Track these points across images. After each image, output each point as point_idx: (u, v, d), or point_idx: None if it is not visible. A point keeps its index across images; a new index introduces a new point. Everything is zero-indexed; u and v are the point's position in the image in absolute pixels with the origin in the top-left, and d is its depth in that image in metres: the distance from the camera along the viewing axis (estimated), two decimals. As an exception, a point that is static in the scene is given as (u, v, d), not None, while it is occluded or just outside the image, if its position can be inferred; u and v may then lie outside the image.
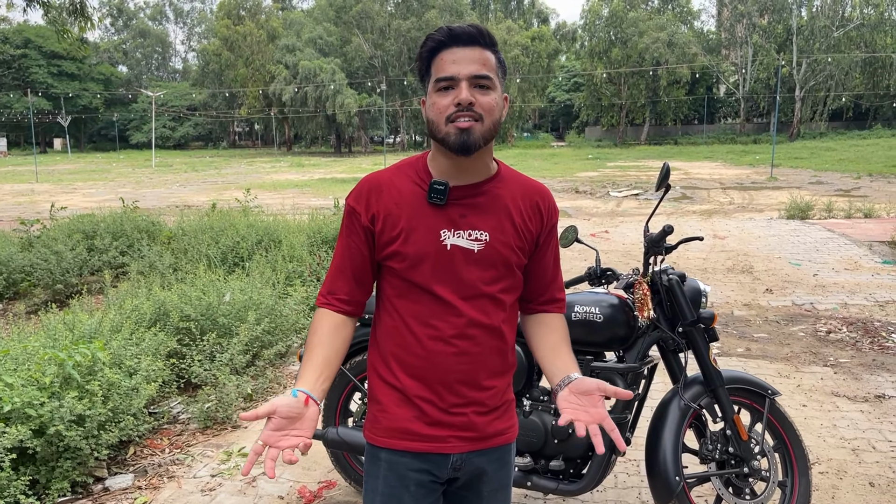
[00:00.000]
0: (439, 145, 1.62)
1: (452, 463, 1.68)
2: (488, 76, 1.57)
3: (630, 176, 25.63)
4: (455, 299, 1.63)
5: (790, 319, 6.43)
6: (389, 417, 1.68)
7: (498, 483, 1.76)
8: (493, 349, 1.69)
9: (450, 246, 1.62)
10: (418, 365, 1.65)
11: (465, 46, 1.58)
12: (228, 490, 3.54)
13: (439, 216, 1.63)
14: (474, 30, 1.58)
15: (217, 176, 31.11)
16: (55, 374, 3.50)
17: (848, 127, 51.31)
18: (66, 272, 7.62)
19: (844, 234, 10.66)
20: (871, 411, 4.34)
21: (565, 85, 64.68)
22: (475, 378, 1.67)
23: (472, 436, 1.68)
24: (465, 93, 1.55)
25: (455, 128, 1.56)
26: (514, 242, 1.67)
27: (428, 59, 1.62)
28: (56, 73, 62.56)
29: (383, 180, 1.68)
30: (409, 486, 1.67)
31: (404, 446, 1.67)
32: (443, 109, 1.57)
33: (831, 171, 25.66)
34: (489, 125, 1.58)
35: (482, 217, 1.65)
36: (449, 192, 1.63)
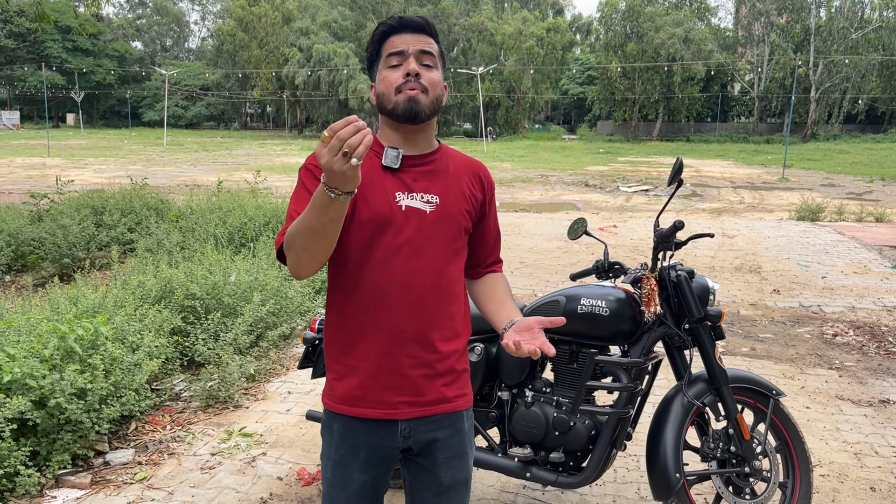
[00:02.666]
0: (388, 118, 1.76)
1: (401, 431, 1.75)
2: (432, 54, 1.75)
3: (641, 172, 25.52)
4: (406, 259, 1.71)
5: (797, 321, 6.40)
6: (343, 386, 1.76)
7: (452, 451, 1.81)
8: (444, 312, 1.76)
9: (405, 207, 1.72)
10: (369, 324, 1.72)
11: (413, 32, 1.75)
12: (228, 469, 3.55)
13: (394, 180, 1.73)
14: (421, 20, 1.77)
15: (227, 157, 31.14)
16: (56, 346, 3.50)
17: (862, 130, 50.94)
18: (73, 246, 7.64)
19: (855, 238, 10.59)
20: (874, 416, 4.31)
21: (579, 78, 64.34)
22: (423, 337, 1.73)
23: (419, 400, 1.75)
24: (414, 64, 1.71)
25: (404, 96, 1.70)
26: (463, 207, 1.80)
27: (379, 42, 1.78)
28: (70, 48, 62.63)
29: None
30: (360, 453, 1.76)
31: (355, 412, 1.75)
32: (392, 81, 1.72)
33: (844, 174, 25.48)
34: (433, 98, 1.74)
35: (433, 182, 1.77)
36: (403, 158, 1.73)
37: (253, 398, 4.48)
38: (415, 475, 1.84)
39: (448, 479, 1.81)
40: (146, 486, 3.37)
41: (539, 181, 21.61)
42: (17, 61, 62.04)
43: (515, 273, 8.05)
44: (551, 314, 2.90)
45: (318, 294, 6.10)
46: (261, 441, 3.87)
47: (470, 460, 1.87)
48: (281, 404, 4.39)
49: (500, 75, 54.00)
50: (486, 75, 50.36)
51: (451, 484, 1.82)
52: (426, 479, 1.82)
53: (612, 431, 2.78)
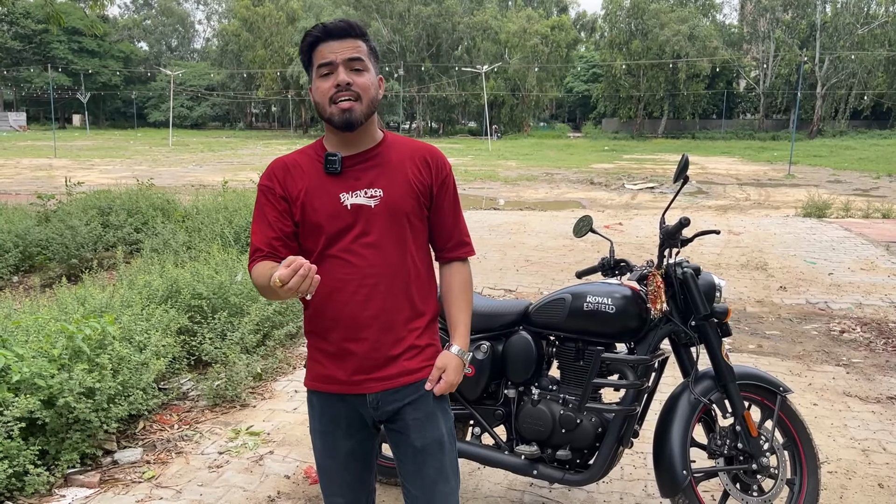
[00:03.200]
0: (327, 123, 1.87)
1: (370, 402, 1.91)
2: (361, 59, 1.83)
3: (646, 169, 25.47)
4: (357, 252, 1.85)
5: (803, 318, 6.38)
6: (318, 367, 1.95)
7: (420, 412, 1.93)
8: (400, 295, 1.90)
9: (350, 206, 1.86)
10: (333, 317, 1.88)
11: (339, 39, 1.83)
12: (235, 468, 3.56)
13: (337, 183, 1.87)
14: (345, 24, 1.85)
15: (233, 156, 31.21)
16: (65, 346, 3.52)
17: (869, 126, 50.68)
18: (80, 247, 7.68)
19: (861, 234, 10.55)
20: (882, 412, 4.30)
21: (583, 75, 64.19)
22: (384, 322, 1.88)
23: (383, 375, 1.90)
24: (343, 75, 1.81)
25: (338, 108, 1.81)
26: (408, 193, 1.90)
27: (308, 52, 1.87)
28: (76, 49, 62.80)
29: (288, 161, 1.94)
30: (341, 423, 1.95)
31: (329, 388, 1.93)
32: (325, 91, 1.82)
33: (850, 170, 25.38)
34: (367, 103, 1.84)
35: (375, 177, 1.88)
36: (342, 161, 1.87)
37: (260, 397, 4.50)
38: (394, 443, 1.98)
39: (420, 441, 1.93)
40: (154, 484, 3.38)
41: (544, 179, 21.60)
42: (24, 63, 62.27)
43: (521, 271, 8.05)
44: (557, 312, 2.91)
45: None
46: (268, 440, 3.89)
47: (440, 422, 1.96)
48: (288, 403, 4.40)
49: (505, 73, 53.94)
50: (490, 74, 50.29)
51: (423, 445, 1.93)
52: (402, 444, 1.95)
53: (619, 429, 2.78)
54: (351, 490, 2.00)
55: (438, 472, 1.94)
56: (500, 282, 7.51)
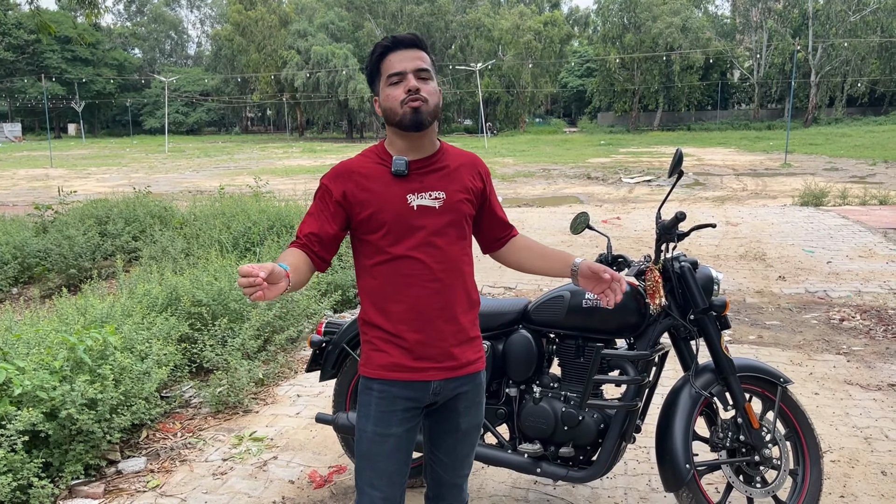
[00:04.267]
0: (395, 128, 2.01)
1: (433, 389, 2.06)
2: (427, 69, 2.00)
3: (642, 162, 25.47)
4: (425, 250, 2.00)
5: (803, 307, 6.39)
6: (381, 355, 2.05)
7: (470, 401, 2.14)
8: (460, 288, 2.07)
9: (416, 206, 2.01)
10: (403, 309, 2.01)
11: (407, 49, 2.00)
12: (240, 474, 3.57)
13: (403, 185, 2.01)
14: (413, 36, 2.01)
15: (229, 161, 31.18)
16: (66, 357, 3.52)
17: (864, 113, 50.71)
18: (78, 257, 7.68)
19: (859, 222, 10.56)
20: (884, 400, 4.31)
21: (578, 70, 64.20)
22: (448, 313, 2.04)
23: (448, 365, 2.05)
24: (413, 81, 1.96)
25: (409, 108, 1.95)
26: (465, 197, 2.09)
27: (378, 62, 2.03)
28: (70, 58, 62.68)
29: (353, 165, 2.06)
30: (397, 410, 2.04)
31: (393, 377, 2.03)
32: (397, 97, 1.97)
33: (846, 157, 25.38)
34: (433, 106, 1.99)
35: (437, 181, 2.05)
36: (409, 164, 2.01)
37: (262, 402, 4.50)
38: (437, 422, 2.16)
39: (465, 424, 2.15)
40: (159, 493, 3.39)
41: (541, 175, 21.59)
42: (17, 73, 62.15)
43: (520, 268, 8.04)
44: (556, 310, 2.91)
45: (324, 297, 6.11)
46: (272, 445, 3.89)
47: (483, 408, 2.22)
48: (290, 408, 4.41)
49: (499, 70, 53.92)
50: (484, 71, 50.28)
51: (467, 428, 2.16)
52: (448, 424, 2.15)
53: (621, 424, 2.79)
54: (390, 483, 2.08)
55: (471, 447, 2.21)
56: (499, 280, 7.52)
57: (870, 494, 3.24)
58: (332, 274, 6.58)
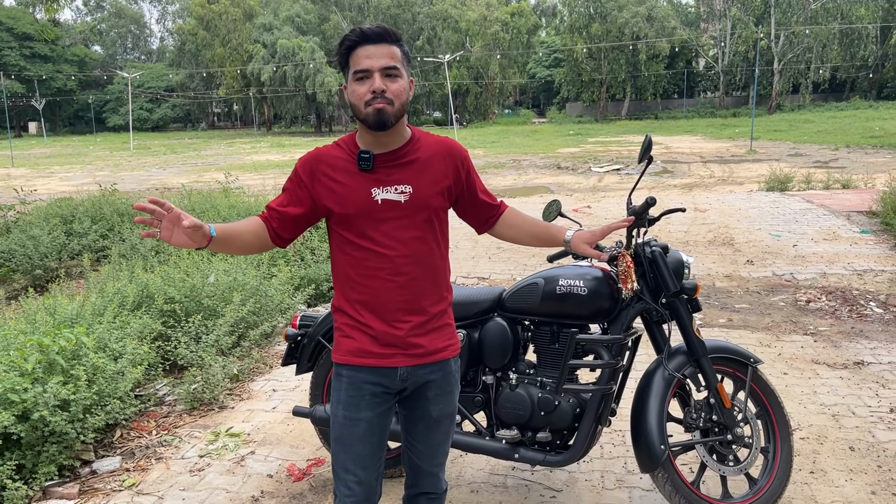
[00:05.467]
0: (362, 124, 2.00)
1: (400, 375, 2.08)
2: (396, 67, 1.97)
3: (611, 151, 25.67)
4: (388, 244, 2.01)
5: (771, 290, 6.51)
6: (348, 341, 2.09)
7: (440, 389, 2.16)
8: (427, 280, 2.08)
9: (381, 200, 2.01)
10: (367, 300, 2.05)
11: (376, 44, 1.96)
12: (217, 470, 3.55)
13: (369, 178, 2.02)
14: (381, 30, 1.97)
15: (196, 158, 30.79)
16: (38, 359, 3.47)
17: (826, 99, 51.62)
18: (44, 257, 7.54)
19: (823, 206, 10.77)
20: (850, 378, 4.41)
21: (545, 61, 64.40)
22: (414, 305, 2.06)
23: (415, 352, 2.08)
24: (378, 82, 1.94)
25: (373, 109, 1.94)
26: (436, 189, 2.08)
27: (346, 55, 1.99)
28: (28, 55, 61.21)
29: (323, 154, 2.08)
30: (365, 395, 2.08)
31: (360, 362, 2.07)
32: (361, 96, 1.95)
33: (810, 143, 25.84)
34: (398, 106, 1.97)
35: (405, 174, 2.04)
36: (374, 158, 2.01)
37: (238, 398, 4.48)
38: (410, 409, 2.18)
39: (437, 413, 2.17)
40: (135, 492, 3.36)
41: (512, 166, 21.66)
42: (-26, 72, 60.63)
43: (493, 258, 8.09)
44: (531, 297, 2.94)
45: (298, 291, 6.08)
46: (249, 440, 3.87)
47: (455, 398, 2.22)
48: (266, 402, 4.39)
49: (467, 62, 53.87)
50: (453, 63, 50.21)
51: (439, 416, 2.18)
52: (420, 412, 2.17)
53: (597, 408, 2.82)
54: (364, 467, 2.10)
55: (445, 436, 2.23)
56: (472, 270, 7.54)
57: (839, 469, 3.32)
58: (306, 268, 6.55)
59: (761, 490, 2.89)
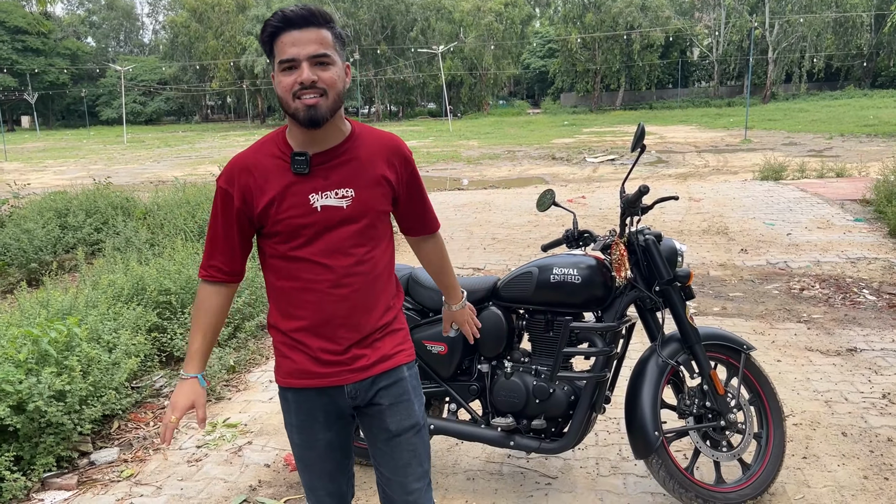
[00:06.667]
0: (292, 119, 1.76)
1: (348, 393, 1.89)
2: (326, 54, 1.71)
3: (606, 142, 25.67)
4: (329, 254, 1.80)
5: (765, 278, 6.54)
6: (289, 363, 1.89)
7: (394, 398, 1.92)
8: (371, 290, 1.87)
9: (320, 207, 1.78)
10: (305, 316, 1.84)
11: (301, 28, 1.70)
12: (215, 460, 3.56)
13: (306, 183, 1.78)
14: (307, 12, 1.70)
15: (191, 151, 30.69)
16: (30, 350, 3.47)
17: (820, 88, 51.64)
18: (39, 250, 7.52)
19: (817, 194, 10.80)
20: (843, 364, 4.45)
21: (539, 51, 64.25)
22: (355, 318, 1.85)
23: (359, 366, 1.88)
24: (307, 73, 1.69)
25: (303, 104, 1.70)
26: (380, 192, 1.86)
27: (269, 42, 1.74)
28: (21, 48, 60.83)
29: (249, 160, 1.82)
30: (318, 416, 1.91)
31: (303, 384, 1.89)
32: (288, 87, 1.71)
33: (804, 132, 25.87)
34: (333, 97, 1.73)
35: (345, 176, 1.81)
36: (310, 159, 1.77)
37: (235, 389, 4.49)
38: (367, 426, 1.98)
39: (395, 426, 1.93)
40: (133, 482, 3.37)
41: (506, 157, 21.65)
42: (-35, 65, 60.28)
43: (488, 249, 8.10)
44: (525, 286, 2.95)
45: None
46: (245, 430, 3.89)
47: (415, 407, 1.96)
48: (263, 393, 4.40)
49: (461, 53, 53.72)
50: (446, 54, 50.04)
51: (398, 430, 1.93)
52: (376, 427, 1.95)
53: (591, 396, 2.85)
54: (331, 479, 1.99)
55: (412, 454, 1.94)
56: (468, 261, 7.56)
57: (831, 454, 3.35)
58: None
59: (754, 475, 2.92)
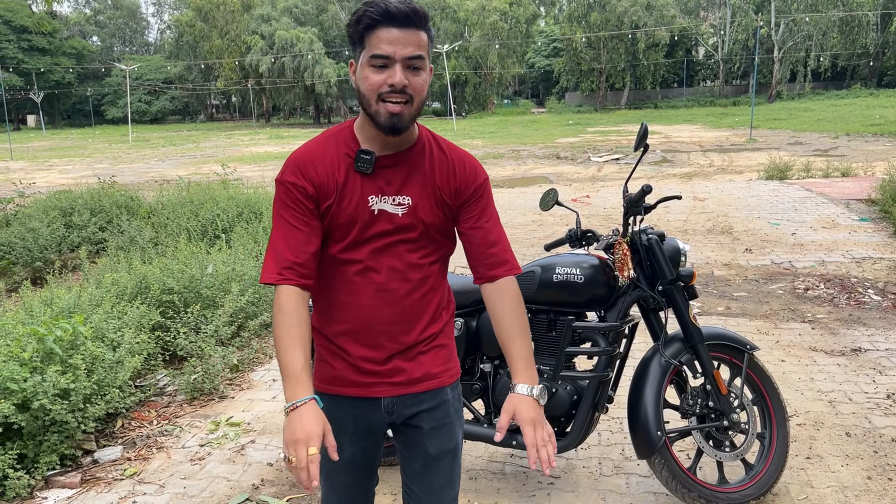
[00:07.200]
0: (369, 118, 1.67)
1: (385, 407, 1.80)
2: (421, 56, 1.61)
3: (611, 141, 25.63)
4: (378, 259, 1.72)
5: (769, 278, 6.52)
6: (328, 368, 1.81)
7: (436, 422, 1.83)
8: (416, 301, 1.77)
9: (377, 210, 1.70)
10: (347, 320, 1.75)
11: (402, 27, 1.59)
12: (218, 459, 3.57)
13: (367, 183, 1.70)
14: (410, 10, 1.58)
15: (195, 150, 30.75)
16: (35, 349, 3.48)
17: (826, 87, 51.49)
18: (44, 249, 7.55)
19: (822, 194, 10.77)
20: (847, 365, 4.43)
21: (544, 50, 64.17)
22: (399, 326, 1.76)
23: (400, 380, 1.78)
24: (399, 75, 1.59)
25: (387, 110, 1.61)
26: (436, 205, 1.75)
27: (362, 32, 1.62)
28: (27, 47, 61.00)
29: (314, 153, 1.72)
30: (347, 428, 1.81)
31: (339, 391, 1.80)
32: (375, 86, 1.60)
33: (809, 131, 25.80)
34: (417, 105, 1.64)
35: (406, 183, 1.72)
36: (376, 160, 1.70)
37: (238, 388, 4.50)
38: (404, 445, 1.89)
39: (434, 450, 1.84)
40: (137, 480, 3.38)
41: (510, 156, 21.64)
42: (-29, 65, 60.46)
43: (492, 248, 8.08)
44: (527, 285, 2.94)
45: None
46: (249, 429, 3.89)
47: (456, 430, 1.88)
48: (266, 392, 4.41)
49: (466, 52, 53.68)
50: (451, 53, 50.02)
51: (437, 454, 1.84)
52: (414, 449, 1.86)
53: (594, 395, 2.84)
54: (346, 494, 1.90)
55: (447, 479, 1.88)
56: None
57: (835, 455, 3.34)
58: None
59: (757, 475, 2.91)
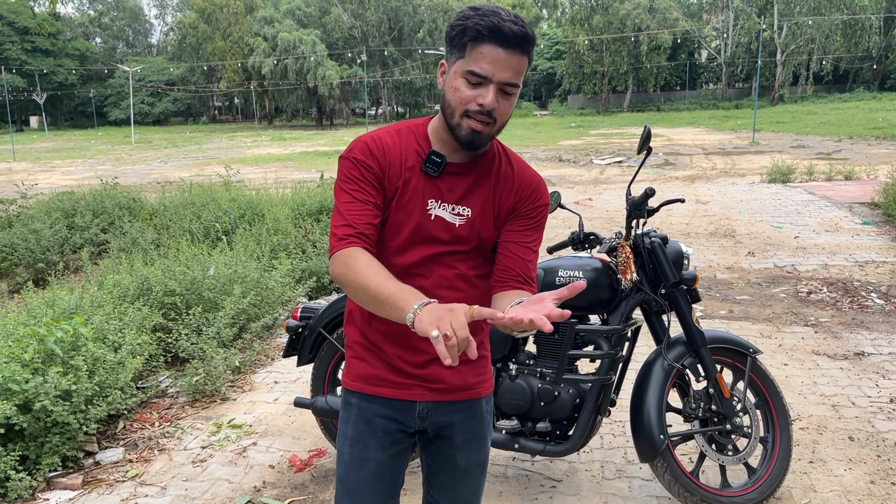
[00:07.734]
0: (448, 128, 1.61)
1: (419, 412, 1.74)
2: (517, 84, 1.57)
3: (613, 143, 25.62)
4: (427, 265, 1.68)
5: (772, 281, 6.51)
6: (363, 365, 1.76)
7: (470, 434, 1.79)
8: None
9: (434, 216, 1.65)
10: (393, 326, 1.66)
11: (508, 49, 1.53)
12: (219, 461, 3.56)
13: (429, 186, 1.65)
14: (521, 34, 1.53)
15: (198, 151, 30.79)
16: (36, 350, 3.48)
17: (829, 90, 51.43)
18: (46, 251, 7.57)
19: (825, 197, 10.75)
20: (850, 368, 4.42)
21: (547, 53, 64.19)
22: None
23: (438, 387, 1.73)
24: (492, 98, 1.54)
25: (469, 126, 1.56)
26: (493, 222, 1.70)
27: (466, 41, 1.55)
28: (30, 49, 61.18)
29: (385, 140, 1.66)
30: (377, 431, 1.75)
31: (372, 391, 1.74)
32: (465, 101, 1.55)
33: (812, 134, 25.78)
34: (499, 126, 1.60)
35: (469, 194, 1.67)
36: (445, 165, 1.65)
37: (240, 390, 4.49)
38: (432, 457, 1.84)
39: (464, 462, 1.81)
40: (139, 482, 3.38)
41: (513, 158, 21.59)
42: (-25, 66, 60.58)
43: (494, 251, 8.09)
44: (530, 287, 2.94)
45: (299, 284, 6.09)
46: (250, 431, 3.89)
47: (487, 444, 1.85)
48: (268, 394, 4.41)
49: (469, 54, 53.70)
50: (454, 55, 50.02)
51: (467, 467, 1.81)
52: (443, 461, 1.82)
53: (596, 398, 2.84)
54: None
55: (474, 491, 1.86)
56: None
57: (838, 459, 3.33)
58: (307, 261, 6.56)
59: (760, 479, 2.90)
